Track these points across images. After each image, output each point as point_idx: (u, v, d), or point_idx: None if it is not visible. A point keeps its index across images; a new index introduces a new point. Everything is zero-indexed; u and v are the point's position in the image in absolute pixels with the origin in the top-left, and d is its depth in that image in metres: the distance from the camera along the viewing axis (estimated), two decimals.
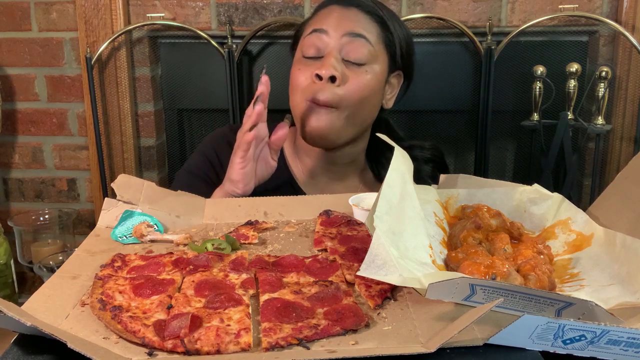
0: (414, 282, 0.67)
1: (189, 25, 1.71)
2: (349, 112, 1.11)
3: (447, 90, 1.73)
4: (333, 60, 1.09)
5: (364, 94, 1.11)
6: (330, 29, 1.11)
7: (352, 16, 1.12)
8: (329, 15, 1.14)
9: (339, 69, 1.09)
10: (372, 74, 1.12)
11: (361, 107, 1.12)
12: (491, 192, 0.95)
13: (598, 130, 1.60)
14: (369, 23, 1.13)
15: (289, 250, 0.87)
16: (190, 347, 0.60)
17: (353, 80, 1.10)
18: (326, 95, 1.08)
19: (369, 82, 1.11)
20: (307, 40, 1.13)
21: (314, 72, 1.09)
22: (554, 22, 1.65)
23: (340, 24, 1.11)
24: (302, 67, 1.13)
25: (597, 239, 0.82)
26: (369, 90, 1.12)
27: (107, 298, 0.69)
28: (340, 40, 1.10)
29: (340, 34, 1.10)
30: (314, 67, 1.10)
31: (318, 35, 1.11)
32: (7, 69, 1.81)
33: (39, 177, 1.91)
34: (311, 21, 1.17)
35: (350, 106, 1.10)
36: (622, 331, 0.58)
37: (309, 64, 1.12)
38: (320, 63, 1.10)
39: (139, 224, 0.91)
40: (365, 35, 1.11)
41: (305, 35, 1.15)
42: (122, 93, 1.78)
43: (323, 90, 1.08)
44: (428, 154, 1.29)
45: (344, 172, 1.23)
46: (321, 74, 1.08)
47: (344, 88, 1.09)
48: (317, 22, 1.14)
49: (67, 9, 1.75)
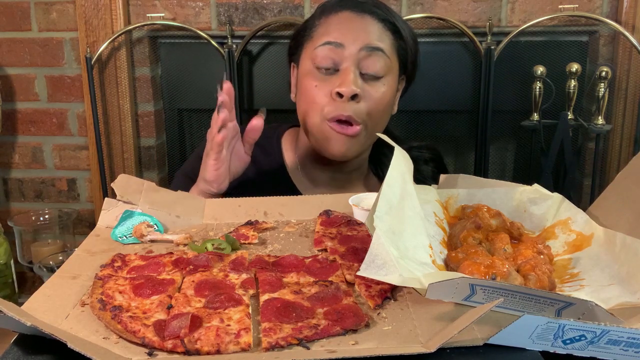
0: (414, 282, 0.67)
1: (189, 25, 1.71)
2: (370, 127, 1.09)
3: (447, 90, 1.73)
4: (353, 77, 1.05)
5: (384, 107, 1.09)
6: (347, 42, 1.06)
7: (367, 26, 1.09)
8: (342, 25, 1.09)
9: (359, 85, 1.06)
10: (388, 86, 1.10)
11: (380, 120, 1.11)
12: (491, 192, 0.95)
13: (598, 130, 1.60)
14: (383, 32, 1.10)
15: (289, 250, 0.87)
16: (190, 347, 0.60)
17: (373, 94, 1.07)
18: (348, 112, 1.05)
19: (386, 95, 1.09)
20: (321, 51, 1.08)
21: (333, 90, 1.05)
22: (554, 22, 1.65)
23: (357, 37, 1.07)
24: (319, 84, 1.08)
25: (597, 239, 0.82)
26: (387, 102, 1.10)
27: (107, 298, 0.69)
28: (357, 54, 1.06)
29: (358, 47, 1.06)
30: (331, 83, 1.07)
31: (333, 49, 1.07)
32: (7, 69, 1.81)
33: (39, 177, 1.91)
34: (320, 28, 1.11)
35: (371, 121, 1.09)
36: (622, 331, 0.58)
37: (325, 79, 1.08)
38: (338, 78, 1.06)
39: (139, 224, 0.91)
40: (382, 48, 1.08)
41: (316, 44, 1.10)
42: (122, 93, 1.78)
43: (345, 108, 1.05)
44: (426, 153, 1.28)
45: (347, 180, 1.22)
46: (342, 92, 1.04)
47: (365, 104, 1.06)
48: (330, 32, 1.09)
49: (67, 9, 1.75)
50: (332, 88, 1.06)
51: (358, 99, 1.05)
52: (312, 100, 1.09)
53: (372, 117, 1.08)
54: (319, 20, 1.13)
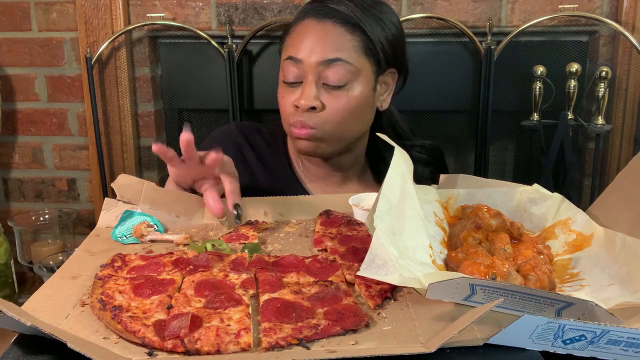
0: (414, 282, 0.67)
1: (189, 25, 1.71)
2: (333, 133, 1.10)
3: (447, 90, 1.73)
4: (310, 91, 1.07)
5: (345, 114, 1.10)
6: (304, 57, 1.08)
7: (326, 36, 1.08)
8: (302, 36, 1.10)
9: (318, 97, 1.07)
10: (356, 91, 1.10)
11: (346, 126, 1.11)
12: (491, 192, 0.95)
13: (598, 130, 1.60)
14: (345, 38, 1.09)
15: (289, 250, 0.87)
16: (190, 347, 0.60)
17: (334, 104, 1.08)
18: (310, 123, 1.08)
19: (350, 102, 1.09)
20: (285, 65, 1.11)
21: (293, 102, 1.09)
22: (554, 22, 1.65)
23: (314, 50, 1.07)
24: (285, 95, 1.11)
25: (597, 239, 0.82)
26: (352, 108, 1.10)
27: (107, 298, 0.69)
28: (316, 68, 1.07)
29: (315, 61, 1.07)
30: (294, 95, 1.09)
31: (294, 64, 1.09)
32: (7, 69, 1.81)
33: (39, 177, 1.91)
34: (289, 38, 1.13)
35: (332, 129, 1.10)
36: (622, 331, 0.58)
37: (289, 90, 1.11)
38: (299, 90, 1.09)
39: (139, 224, 0.91)
40: (341, 58, 1.07)
41: (284, 57, 1.12)
42: (122, 93, 1.78)
43: (303, 118, 1.08)
44: (428, 154, 1.28)
45: (344, 176, 1.23)
46: (299, 105, 1.07)
47: (325, 114, 1.08)
48: (293, 45, 1.11)
49: (67, 9, 1.75)
50: (294, 99, 1.09)
51: (317, 110, 1.08)
52: (281, 110, 1.14)
53: (331, 124, 1.09)
54: (291, 28, 1.15)
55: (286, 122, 1.13)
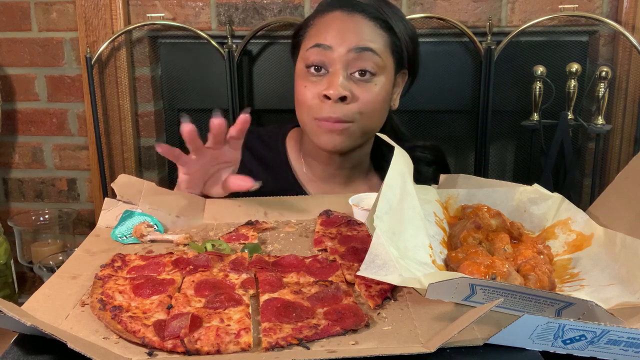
0: (414, 282, 0.67)
1: (189, 25, 1.71)
2: (362, 125, 1.09)
3: (447, 90, 1.73)
4: (341, 80, 1.05)
5: (375, 106, 1.09)
6: (334, 44, 1.06)
7: (356, 26, 1.08)
8: (331, 26, 1.09)
9: (348, 87, 1.05)
10: (381, 85, 1.09)
11: (373, 119, 1.11)
12: (491, 192, 0.95)
13: (598, 130, 1.60)
14: (374, 31, 1.09)
15: (289, 250, 0.87)
16: (190, 347, 0.60)
17: (363, 95, 1.07)
18: (338, 114, 1.06)
19: (378, 94, 1.09)
20: (310, 54, 1.08)
21: (321, 92, 1.06)
22: (554, 22, 1.65)
23: (345, 38, 1.06)
24: (308, 85, 1.09)
25: (597, 238, 0.82)
26: (380, 101, 1.10)
27: (107, 298, 0.69)
28: (346, 56, 1.06)
29: (346, 49, 1.05)
30: (320, 85, 1.07)
31: (322, 51, 1.07)
32: (7, 69, 1.81)
33: (39, 177, 1.91)
34: (312, 29, 1.12)
35: (363, 120, 1.09)
36: (622, 331, 0.58)
37: (314, 80, 1.08)
38: (326, 80, 1.06)
39: (139, 224, 0.91)
40: (372, 48, 1.06)
41: (307, 46, 1.10)
42: (122, 93, 1.78)
43: (334, 109, 1.05)
44: (429, 154, 1.28)
45: (349, 176, 1.22)
46: (330, 95, 1.04)
47: (355, 105, 1.06)
48: (319, 33, 1.09)
49: (67, 9, 1.75)
50: (321, 90, 1.07)
51: (347, 100, 1.06)
52: (302, 101, 1.10)
53: (363, 116, 1.08)
54: (313, 20, 1.14)
55: (309, 115, 1.09)
